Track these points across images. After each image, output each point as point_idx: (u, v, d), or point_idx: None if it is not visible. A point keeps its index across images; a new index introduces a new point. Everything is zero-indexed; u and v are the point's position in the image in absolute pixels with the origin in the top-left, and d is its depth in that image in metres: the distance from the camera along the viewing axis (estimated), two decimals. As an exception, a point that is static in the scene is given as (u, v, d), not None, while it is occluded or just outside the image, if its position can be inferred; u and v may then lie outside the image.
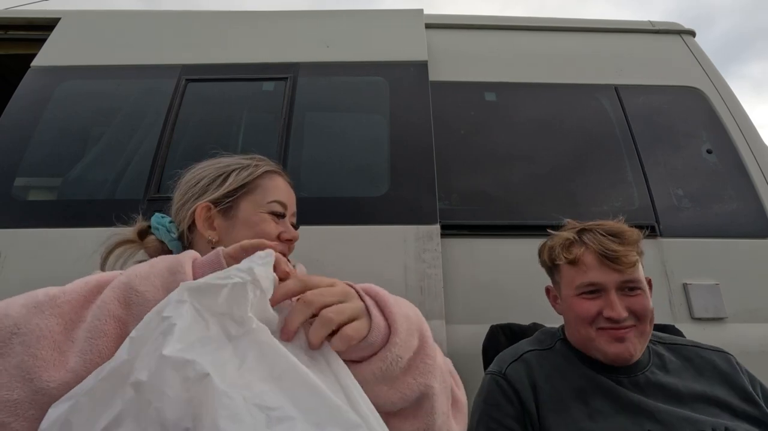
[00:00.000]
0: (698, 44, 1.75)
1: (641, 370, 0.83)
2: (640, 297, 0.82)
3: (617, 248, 0.81)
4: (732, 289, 1.28)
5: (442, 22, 1.76)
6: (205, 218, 0.79)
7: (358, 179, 1.42)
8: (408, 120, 1.47)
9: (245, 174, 0.82)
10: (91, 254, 0.84)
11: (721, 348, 0.89)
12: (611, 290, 0.81)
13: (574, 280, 0.85)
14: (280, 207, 0.81)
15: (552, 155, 1.49)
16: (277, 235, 0.79)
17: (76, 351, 0.40)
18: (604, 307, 0.81)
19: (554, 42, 1.75)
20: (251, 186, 0.81)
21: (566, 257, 0.85)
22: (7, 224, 1.29)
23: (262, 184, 0.82)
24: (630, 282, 0.82)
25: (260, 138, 1.51)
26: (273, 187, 0.83)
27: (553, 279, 0.96)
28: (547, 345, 0.92)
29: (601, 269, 0.82)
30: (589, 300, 0.83)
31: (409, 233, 1.28)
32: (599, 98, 1.60)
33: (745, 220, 1.38)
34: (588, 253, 0.83)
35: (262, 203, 0.80)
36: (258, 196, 0.81)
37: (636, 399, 0.78)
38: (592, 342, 0.83)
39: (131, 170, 1.40)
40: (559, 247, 0.88)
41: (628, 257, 0.80)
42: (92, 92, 1.56)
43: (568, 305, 0.87)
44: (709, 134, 1.53)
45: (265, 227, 0.78)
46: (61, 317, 0.42)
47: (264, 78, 1.57)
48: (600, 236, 0.84)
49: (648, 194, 1.41)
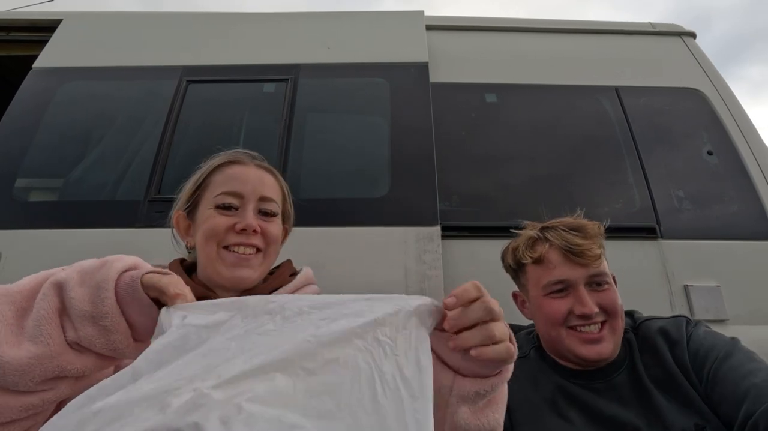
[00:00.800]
0: (699, 46, 1.75)
1: (617, 371, 0.81)
2: (609, 292, 0.81)
3: (581, 242, 0.80)
4: (733, 291, 1.27)
5: (443, 24, 1.77)
6: (183, 226, 0.81)
7: (358, 180, 1.42)
8: (409, 121, 1.47)
9: (199, 175, 0.81)
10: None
11: (677, 314, 0.87)
12: (579, 285, 0.80)
13: (541, 279, 0.84)
14: (230, 198, 0.76)
15: (553, 157, 1.49)
16: (228, 228, 0.74)
17: (27, 335, 0.48)
18: (573, 304, 0.80)
19: (555, 44, 1.75)
20: (203, 185, 0.80)
21: (531, 255, 0.85)
22: (7, 225, 1.29)
23: (213, 180, 0.80)
24: (597, 277, 0.81)
25: (261, 139, 1.51)
26: (222, 180, 0.78)
27: (518, 282, 0.93)
28: (522, 352, 0.89)
29: (567, 265, 0.81)
30: (558, 299, 0.82)
31: (409, 234, 1.28)
32: (600, 100, 1.60)
33: (746, 221, 1.38)
34: (552, 250, 0.83)
35: (210, 199, 0.77)
36: (208, 193, 0.79)
37: (608, 409, 0.77)
38: (562, 343, 0.81)
39: (132, 171, 1.40)
40: (522, 246, 0.87)
41: (592, 250, 0.80)
42: (93, 94, 1.57)
43: (537, 306, 0.85)
44: (710, 136, 1.52)
45: (211, 223, 0.74)
46: (13, 304, 0.50)
47: (265, 79, 1.57)
48: (562, 232, 0.83)
49: (649, 195, 1.41)
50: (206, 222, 0.75)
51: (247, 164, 0.82)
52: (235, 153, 0.84)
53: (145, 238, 1.26)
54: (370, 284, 1.22)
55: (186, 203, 0.80)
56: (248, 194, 0.77)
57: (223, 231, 0.73)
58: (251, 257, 0.74)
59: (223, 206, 0.75)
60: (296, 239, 1.29)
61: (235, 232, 0.73)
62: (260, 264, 0.76)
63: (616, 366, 0.82)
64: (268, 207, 0.79)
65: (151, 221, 1.28)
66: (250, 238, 0.74)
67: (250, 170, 0.80)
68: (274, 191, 0.82)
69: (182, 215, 0.81)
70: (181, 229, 0.81)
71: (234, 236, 0.73)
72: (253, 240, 0.74)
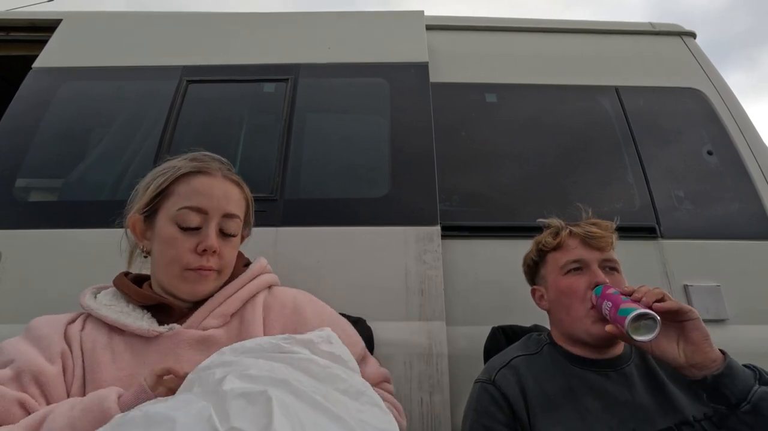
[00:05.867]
0: (699, 46, 1.75)
1: (626, 363, 0.86)
2: (619, 278, 0.90)
3: (597, 231, 0.91)
4: (733, 291, 1.28)
5: (443, 24, 1.76)
6: (139, 229, 0.79)
7: (358, 180, 1.42)
8: (409, 121, 1.47)
9: (162, 180, 0.78)
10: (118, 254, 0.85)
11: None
12: (594, 265, 0.89)
13: (560, 260, 0.93)
14: (192, 215, 0.75)
15: (553, 157, 1.49)
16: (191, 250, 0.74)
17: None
18: (590, 279, 0.87)
19: (555, 43, 1.75)
20: (167, 192, 0.77)
21: (553, 241, 0.95)
22: (7, 225, 1.29)
23: (176, 189, 0.77)
24: (609, 261, 0.90)
25: (261, 139, 1.51)
26: (187, 192, 0.76)
27: (538, 276, 1.01)
28: (534, 350, 0.93)
29: (584, 248, 0.91)
30: (576, 276, 0.89)
31: (409, 234, 1.28)
32: (600, 100, 1.60)
33: (746, 221, 1.38)
34: (572, 237, 0.93)
35: (172, 211, 0.75)
36: (171, 203, 0.76)
37: (622, 395, 0.81)
38: (581, 322, 0.86)
39: (132, 171, 1.40)
40: (546, 236, 0.98)
41: (606, 239, 0.91)
42: (93, 94, 1.57)
43: (557, 287, 0.92)
44: (710, 136, 1.52)
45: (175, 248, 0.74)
46: None
47: (265, 79, 1.57)
48: (582, 225, 0.94)
49: (648, 195, 1.41)
50: (169, 243, 0.74)
51: (214, 175, 0.80)
52: (203, 159, 0.82)
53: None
54: (370, 284, 1.22)
55: (145, 207, 0.78)
56: (212, 210, 0.76)
57: (186, 255, 0.74)
58: (210, 274, 0.76)
59: (186, 227, 0.75)
60: (297, 239, 1.30)
61: (197, 253, 0.74)
62: (215, 280, 0.78)
63: (624, 358, 0.88)
64: (230, 227, 0.79)
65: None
66: (209, 260, 0.75)
67: (216, 183, 0.79)
68: (239, 205, 0.82)
69: (140, 218, 0.79)
70: (137, 232, 0.80)
71: (196, 259, 0.74)
72: (211, 262, 0.75)
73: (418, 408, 1.11)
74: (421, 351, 1.15)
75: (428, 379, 1.13)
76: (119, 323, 0.71)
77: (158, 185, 0.78)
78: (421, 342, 1.16)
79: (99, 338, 0.70)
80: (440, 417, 1.11)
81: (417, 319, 1.19)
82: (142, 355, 0.69)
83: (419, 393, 1.12)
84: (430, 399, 1.12)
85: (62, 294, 0.92)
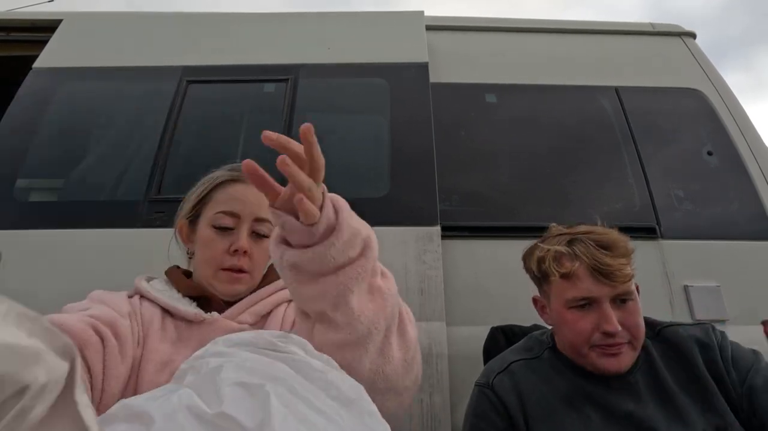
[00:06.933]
0: (698, 46, 1.75)
1: (630, 372, 0.82)
2: (632, 310, 0.80)
3: (611, 263, 0.77)
4: (733, 291, 1.28)
5: (443, 24, 1.77)
6: (186, 232, 0.88)
7: (358, 180, 1.42)
8: (409, 122, 1.47)
9: (203, 188, 0.87)
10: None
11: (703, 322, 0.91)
12: (604, 302, 0.79)
13: (566, 293, 0.81)
14: (226, 219, 0.82)
15: (553, 157, 1.49)
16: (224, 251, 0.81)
17: None
18: (598, 321, 0.79)
19: (555, 44, 1.75)
20: (206, 199, 0.85)
21: (558, 270, 0.82)
22: (7, 225, 1.29)
23: (215, 196, 0.85)
24: (622, 295, 0.80)
25: (261, 140, 1.51)
26: (223, 199, 0.84)
27: (540, 289, 0.92)
28: (534, 353, 0.90)
29: (594, 283, 0.78)
30: (582, 316, 0.80)
31: (409, 234, 1.28)
32: (600, 100, 1.60)
33: (746, 221, 1.38)
34: (581, 267, 0.79)
35: (210, 216, 0.83)
36: (209, 209, 0.84)
37: (625, 406, 0.78)
38: (584, 358, 0.82)
39: (132, 172, 1.40)
40: (550, 259, 0.84)
41: (622, 271, 0.78)
42: (93, 94, 1.57)
43: (560, 318, 0.84)
44: (710, 136, 1.52)
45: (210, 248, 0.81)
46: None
47: (265, 80, 1.57)
48: (592, 249, 0.80)
49: (648, 195, 1.41)
50: (206, 244, 0.82)
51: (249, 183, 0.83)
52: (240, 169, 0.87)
53: (145, 238, 1.26)
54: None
55: (189, 212, 0.87)
56: (245, 215, 0.83)
57: (220, 256, 0.81)
58: (243, 276, 0.83)
59: (220, 227, 0.82)
60: (296, 239, 1.29)
61: (229, 254, 0.81)
62: (248, 281, 0.84)
63: (630, 368, 0.82)
64: (261, 229, 0.84)
65: (151, 222, 1.28)
66: (240, 260, 0.81)
67: (250, 190, 0.84)
68: None
69: (185, 223, 0.88)
70: (183, 236, 0.89)
71: (229, 259, 0.81)
72: (243, 262, 0.81)
73: (418, 408, 1.11)
74: (421, 351, 1.15)
75: (428, 380, 1.13)
76: (170, 306, 0.78)
77: (200, 193, 0.86)
78: (421, 343, 1.15)
79: (155, 315, 0.78)
80: (440, 417, 1.11)
81: (417, 319, 1.18)
82: (185, 337, 0.76)
83: (419, 393, 1.12)
84: (430, 399, 1.12)
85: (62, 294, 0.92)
